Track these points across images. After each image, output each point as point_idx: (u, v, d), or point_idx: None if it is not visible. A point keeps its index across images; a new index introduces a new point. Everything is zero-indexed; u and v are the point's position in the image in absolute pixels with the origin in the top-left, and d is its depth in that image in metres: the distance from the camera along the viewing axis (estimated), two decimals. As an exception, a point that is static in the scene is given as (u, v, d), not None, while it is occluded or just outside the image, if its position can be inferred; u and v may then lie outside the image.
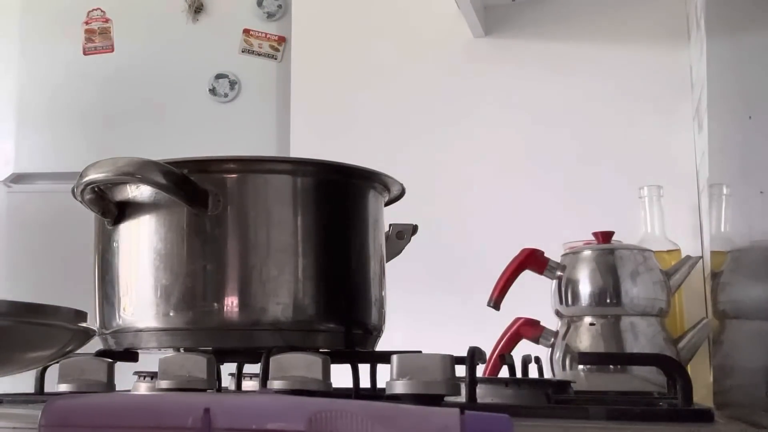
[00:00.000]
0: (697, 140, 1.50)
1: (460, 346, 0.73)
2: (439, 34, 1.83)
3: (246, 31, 2.27)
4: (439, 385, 0.59)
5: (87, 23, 2.39)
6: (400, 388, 0.58)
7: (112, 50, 2.36)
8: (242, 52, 2.26)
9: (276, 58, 2.24)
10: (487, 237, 1.66)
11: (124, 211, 0.80)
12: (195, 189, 0.75)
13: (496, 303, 1.30)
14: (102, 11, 2.40)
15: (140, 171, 0.73)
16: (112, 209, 0.79)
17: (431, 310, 1.65)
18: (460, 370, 0.66)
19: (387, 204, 0.92)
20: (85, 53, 2.34)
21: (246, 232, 0.75)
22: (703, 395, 1.02)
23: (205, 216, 0.75)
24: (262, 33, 2.27)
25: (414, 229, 0.94)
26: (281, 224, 0.78)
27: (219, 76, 2.25)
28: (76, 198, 0.82)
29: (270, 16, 2.26)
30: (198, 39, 2.30)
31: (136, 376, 0.95)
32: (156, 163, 0.74)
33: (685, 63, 1.61)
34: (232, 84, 2.25)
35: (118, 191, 0.80)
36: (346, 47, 1.91)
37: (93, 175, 0.75)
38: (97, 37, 2.39)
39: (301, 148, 1.83)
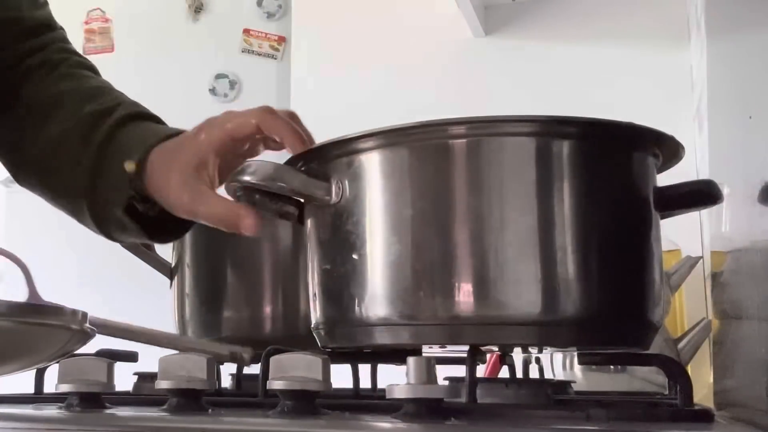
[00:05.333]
0: (697, 140, 1.50)
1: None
2: (439, 34, 1.83)
3: (246, 31, 2.27)
4: (440, 388, 0.58)
5: (87, 23, 2.39)
6: (401, 392, 0.58)
7: (112, 50, 2.36)
8: (242, 52, 2.26)
9: (276, 58, 2.24)
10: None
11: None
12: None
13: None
14: (102, 11, 2.40)
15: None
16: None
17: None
18: (461, 370, 0.66)
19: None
20: (85, 53, 2.33)
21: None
22: (703, 395, 1.02)
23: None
24: (262, 33, 2.26)
25: None
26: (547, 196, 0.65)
27: (219, 76, 2.25)
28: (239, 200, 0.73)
29: (270, 16, 2.26)
30: (198, 39, 2.30)
31: (136, 377, 0.95)
32: None
33: (685, 63, 1.61)
34: (232, 84, 2.25)
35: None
36: (345, 47, 1.91)
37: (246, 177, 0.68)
38: (97, 37, 2.39)
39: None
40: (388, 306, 0.65)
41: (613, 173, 0.68)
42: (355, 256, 0.67)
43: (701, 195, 0.72)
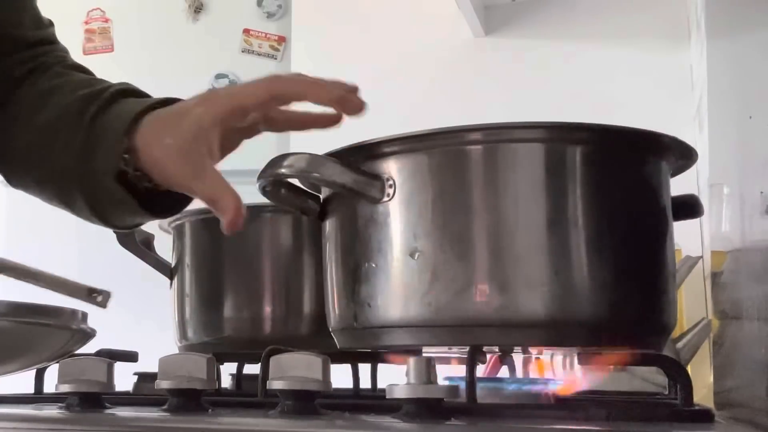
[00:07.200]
0: (697, 140, 1.50)
1: (460, 346, 0.73)
2: (439, 34, 1.83)
3: (246, 31, 2.27)
4: (440, 388, 0.58)
5: (87, 23, 2.39)
6: (401, 392, 0.58)
7: (112, 50, 2.36)
8: (242, 52, 2.26)
9: (276, 58, 2.24)
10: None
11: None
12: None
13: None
14: (102, 11, 2.40)
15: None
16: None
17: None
18: (461, 370, 0.66)
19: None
20: (84, 53, 2.34)
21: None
22: (703, 395, 1.02)
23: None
24: (262, 33, 2.26)
25: None
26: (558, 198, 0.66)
27: (219, 76, 2.25)
28: (265, 196, 0.73)
29: (270, 15, 2.26)
30: (198, 39, 2.30)
31: (136, 377, 0.95)
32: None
33: (685, 63, 1.61)
34: (232, 84, 2.25)
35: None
36: (345, 47, 1.91)
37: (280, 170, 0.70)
38: (97, 37, 2.39)
39: (302, 148, 1.83)
40: (422, 308, 0.65)
41: (626, 178, 0.69)
42: (394, 255, 0.66)
43: (686, 207, 0.76)
